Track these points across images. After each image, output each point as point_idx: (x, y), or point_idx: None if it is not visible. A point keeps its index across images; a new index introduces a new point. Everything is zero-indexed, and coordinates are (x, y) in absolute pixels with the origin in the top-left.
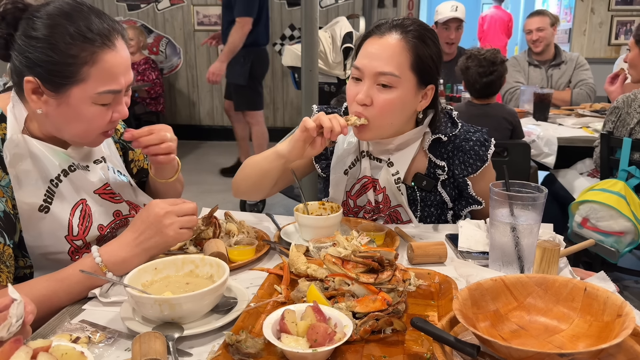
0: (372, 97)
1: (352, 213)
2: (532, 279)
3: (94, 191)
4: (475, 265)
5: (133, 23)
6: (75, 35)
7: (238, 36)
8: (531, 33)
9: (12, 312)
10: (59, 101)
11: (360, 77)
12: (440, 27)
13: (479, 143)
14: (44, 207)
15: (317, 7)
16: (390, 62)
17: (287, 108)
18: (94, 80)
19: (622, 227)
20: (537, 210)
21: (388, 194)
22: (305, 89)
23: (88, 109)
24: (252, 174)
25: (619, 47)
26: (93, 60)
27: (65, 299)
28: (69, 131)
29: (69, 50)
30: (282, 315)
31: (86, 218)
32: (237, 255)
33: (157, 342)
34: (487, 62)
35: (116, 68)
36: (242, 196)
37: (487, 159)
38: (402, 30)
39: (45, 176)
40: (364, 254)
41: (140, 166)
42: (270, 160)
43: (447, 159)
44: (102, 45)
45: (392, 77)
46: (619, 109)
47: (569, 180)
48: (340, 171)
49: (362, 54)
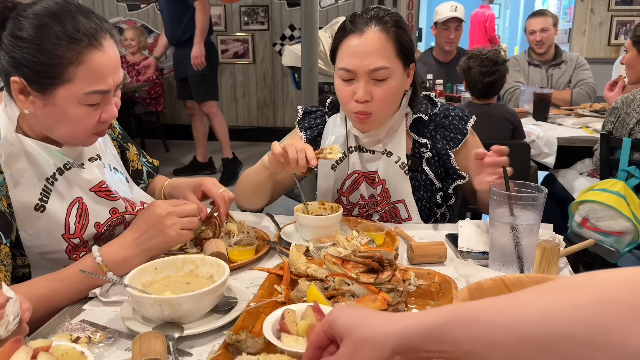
0: (370, 92)
1: (346, 210)
2: (532, 278)
3: (90, 189)
4: (475, 265)
5: (133, 23)
6: (61, 36)
7: (205, 17)
8: (534, 34)
9: (8, 310)
10: (45, 102)
11: (352, 77)
12: (439, 27)
13: (458, 117)
14: (40, 206)
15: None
16: (379, 57)
17: (287, 108)
18: (81, 81)
19: (622, 227)
20: (537, 210)
21: (388, 187)
22: (305, 89)
23: (75, 110)
24: (246, 187)
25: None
26: (79, 60)
27: (65, 298)
28: (57, 132)
29: (55, 50)
30: (282, 315)
31: (83, 216)
32: (237, 255)
33: (157, 342)
34: (490, 61)
35: (103, 68)
36: (245, 207)
37: (467, 132)
38: (379, 22)
39: (41, 175)
40: (364, 254)
41: (135, 167)
42: (259, 173)
43: (430, 137)
44: (88, 45)
45: (384, 70)
46: (618, 109)
47: (568, 180)
48: (328, 165)
49: (347, 54)
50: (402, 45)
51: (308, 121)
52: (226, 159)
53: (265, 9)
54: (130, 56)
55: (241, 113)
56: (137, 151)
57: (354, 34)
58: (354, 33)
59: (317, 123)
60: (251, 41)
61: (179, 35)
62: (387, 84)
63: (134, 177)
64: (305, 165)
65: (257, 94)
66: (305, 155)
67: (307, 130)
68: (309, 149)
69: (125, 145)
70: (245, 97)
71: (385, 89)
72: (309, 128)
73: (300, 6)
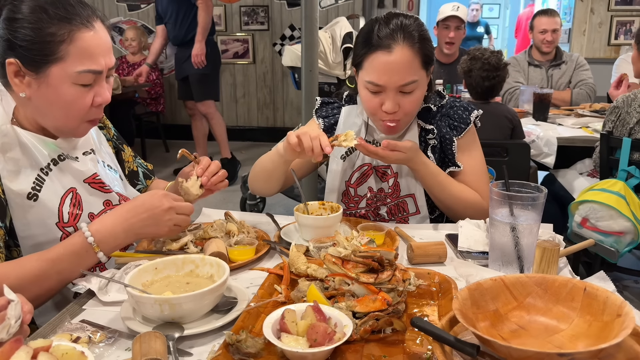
0: (398, 103)
1: (353, 202)
2: (531, 278)
3: (84, 180)
4: (475, 265)
5: (133, 23)
6: (53, 15)
7: (207, 15)
8: (546, 33)
9: (10, 314)
10: (40, 82)
11: (380, 91)
12: (440, 27)
13: (463, 108)
14: (33, 195)
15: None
16: (409, 72)
17: (287, 108)
18: (73, 59)
19: (622, 227)
20: (537, 210)
21: (400, 180)
22: (305, 89)
23: (68, 90)
24: (260, 173)
25: (618, 47)
26: (71, 38)
27: (56, 279)
28: (51, 116)
29: (48, 28)
30: (282, 314)
31: (77, 206)
32: (237, 255)
33: (157, 341)
34: (491, 66)
35: (95, 48)
36: (258, 193)
37: (470, 122)
38: (406, 36)
39: (35, 165)
40: (364, 254)
41: (131, 167)
42: (273, 160)
43: (436, 126)
44: (79, 24)
45: (413, 84)
46: (618, 108)
47: (568, 180)
48: (338, 155)
49: (376, 69)
50: (427, 56)
51: (325, 110)
52: (225, 159)
53: (265, 9)
54: (130, 56)
55: (241, 113)
56: (132, 153)
57: (381, 49)
58: (381, 49)
59: (334, 113)
60: (251, 41)
61: (182, 35)
62: (414, 94)
63: (131, 177)
64: (320, 153)
65: (257, 94)
66: (320, 143)
67: (325, 118)
68: (323, 136)
69: (121, 147)
70: (245, 97)
71: (413, 99)
72: (326, 117)
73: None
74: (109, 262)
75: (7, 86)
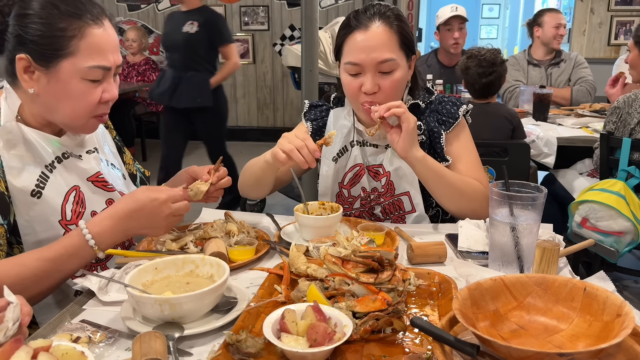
0: (378, 84)
1: (347, 203)
2: (531, 278)
3: (87, 178)
4: (474, 265)
5: (134, 23)
6: (64, 10)
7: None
8: (560, 27)
9: (8, 316)
10: (49, 76)
11: (359, 72)
12: (443, 30)
13: (451, 103)
14: (37, 192)
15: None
16: (385, 49)
17: (287, 108)
18: (83, 54)
19: (622, 227)
20: (537, 210)
21: (393, 179)
22: (305, 89)
23: (77, 85)
24: (249, 178)
25: (618, 48)
26: (82, 34)
27: (56, 277)
28: (59, 111)
29: (59, 23)
30: (282, 314)
31: (80, 204)
32: (237, 255)
33: (157, 341)
34: (487, 62)
35: (105, 44)
36: (248, 197)
37: (458, 116)
38: (382, 16)
39: (39, 162)
40: (364, 254)
41: (130, 170)
42: (262, 167)
43: (424, 122)
44: (90, 21)
45: (391, 62)
46: (619, 109)
47: (568, 180)
48: (329, 157)
49: (354, 48)
50: (405, 37)
51: (314, 113)
52: None
53: (265, 9)
54: (130, 57)
55: (241, 113)
56: (131, 157)
57: (358, 29)
58: (358, 29)
59: (322, 115)
60: (251, 41)
61: None
62: (393, 75)
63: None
64: (313, 161)
65: (257, 94)
66: (308, 151)
67: (313, 121)
68: (308, 141)
69: (122, 149)
70: (245, 97)
71: (392, 80)
72: (314, 120)
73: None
74: (109, 262)
75: (13, 84)
